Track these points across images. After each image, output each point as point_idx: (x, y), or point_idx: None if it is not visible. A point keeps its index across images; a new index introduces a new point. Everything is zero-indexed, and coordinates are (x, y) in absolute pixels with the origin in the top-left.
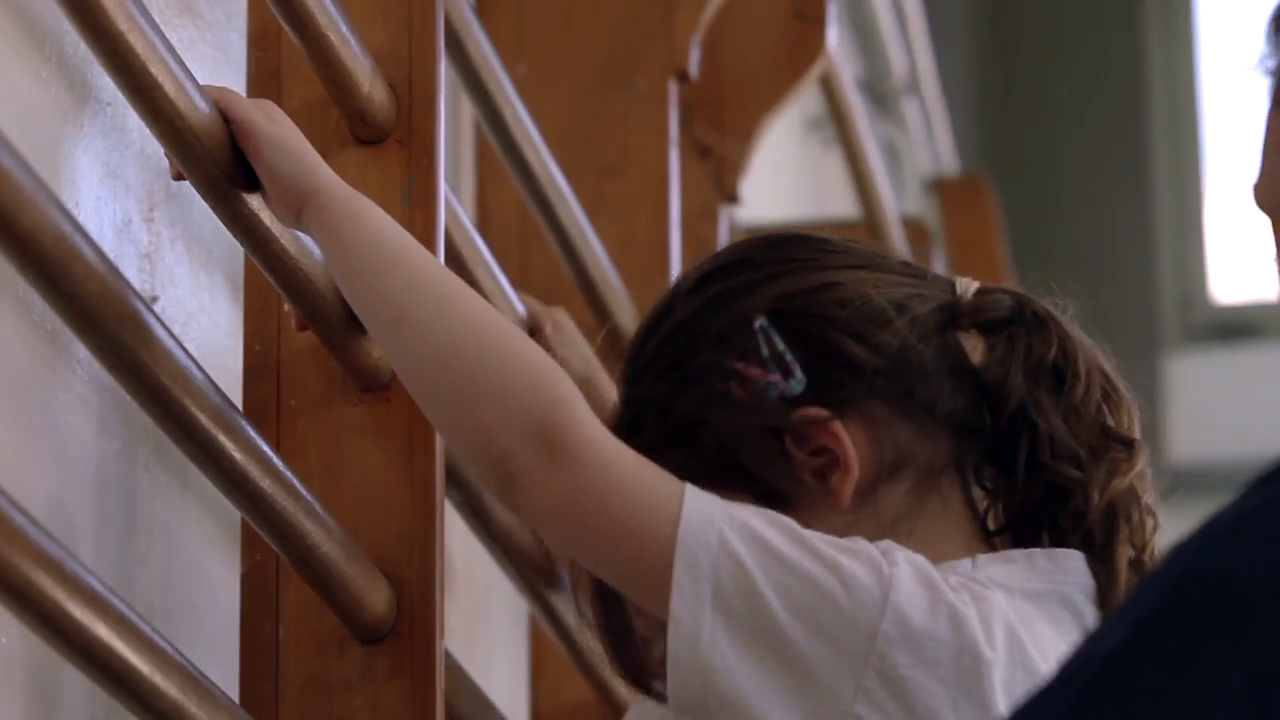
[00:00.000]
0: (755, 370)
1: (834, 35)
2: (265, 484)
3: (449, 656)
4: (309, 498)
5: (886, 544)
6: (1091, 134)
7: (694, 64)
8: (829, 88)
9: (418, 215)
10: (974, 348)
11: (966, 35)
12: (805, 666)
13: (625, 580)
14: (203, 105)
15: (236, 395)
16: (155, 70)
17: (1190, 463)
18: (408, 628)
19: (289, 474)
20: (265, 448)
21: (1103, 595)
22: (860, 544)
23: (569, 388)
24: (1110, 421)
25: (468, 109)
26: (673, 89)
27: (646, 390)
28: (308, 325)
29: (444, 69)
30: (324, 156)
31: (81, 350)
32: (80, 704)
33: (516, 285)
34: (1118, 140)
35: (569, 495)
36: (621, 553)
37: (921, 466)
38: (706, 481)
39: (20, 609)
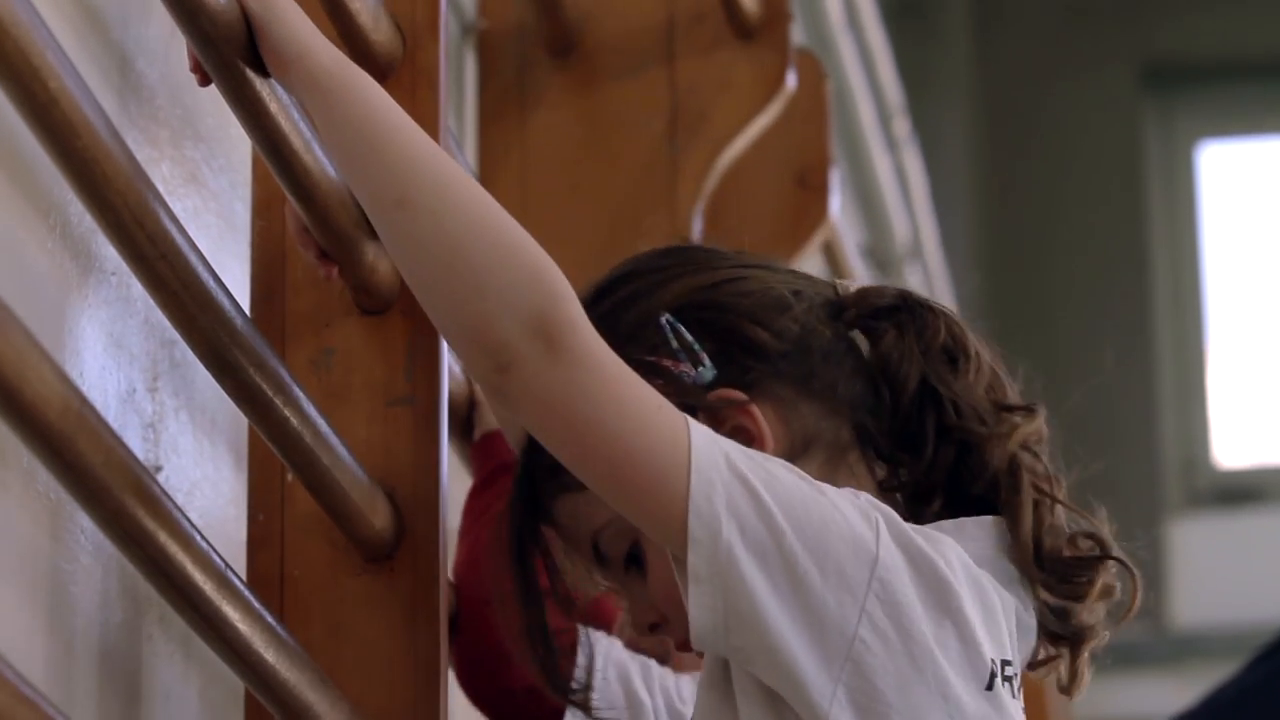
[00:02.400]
0: (666, 361)
1: (836, 204)
2: (269, 654)
3: None
4: (313, 668)
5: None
6: (1093, 297)
7: (697, 232)
8: (831, 254)
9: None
10: (860, 342)
11: (969, 199)
12: (814, 590)
13: (623, 499)
14: (206, 276)
15: (240, 565)
16: (160, 241)
17: (1192, 628)
18: None
19: (293, 644)
20: (269, 618)
21: (1013, 543)
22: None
23: (566, 285)
24: (1000, 397)
25: None
26: None
27: None
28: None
29: None
30: (326, 328)
31: (86, 520)
32: None
33: None
34: (1119, 304)
35: (565, 391)
36: (624, 472)
37: (829, 445)
38: None
39: None
